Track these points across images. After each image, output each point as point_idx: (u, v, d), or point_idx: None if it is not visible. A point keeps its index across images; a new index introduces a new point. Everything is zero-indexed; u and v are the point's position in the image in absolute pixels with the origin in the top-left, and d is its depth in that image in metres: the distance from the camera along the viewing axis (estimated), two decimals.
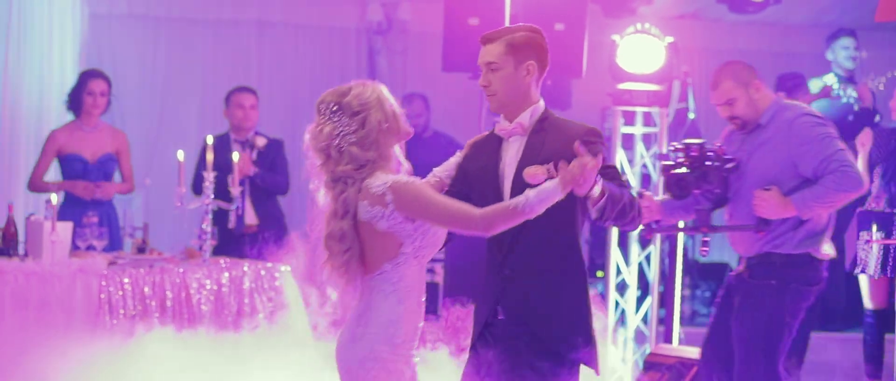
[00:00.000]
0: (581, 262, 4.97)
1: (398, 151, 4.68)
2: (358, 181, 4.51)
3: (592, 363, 4.95)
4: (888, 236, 8.40)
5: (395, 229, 4.50)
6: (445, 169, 5.14)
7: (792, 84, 9.86)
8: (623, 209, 4.78)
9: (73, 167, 8.85)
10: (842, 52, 11.00)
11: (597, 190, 4.62)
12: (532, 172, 4.79)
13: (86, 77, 8.95)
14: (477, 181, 5.01)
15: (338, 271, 4.54)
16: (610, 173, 4.90)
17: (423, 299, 4.65)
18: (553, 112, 5.07)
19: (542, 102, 5.05)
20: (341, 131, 4.53)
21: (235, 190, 8.36)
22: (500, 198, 4.88)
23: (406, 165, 4.70)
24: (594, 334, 4.98)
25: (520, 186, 4.82)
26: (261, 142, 9.44)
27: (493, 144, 5.06)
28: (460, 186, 5.07)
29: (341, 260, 4.53)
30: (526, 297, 4.90)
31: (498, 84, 4.96)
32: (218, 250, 8.86)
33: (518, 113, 4.99)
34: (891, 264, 8.39)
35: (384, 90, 4.65)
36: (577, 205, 4.86)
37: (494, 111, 5.06)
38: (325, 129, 4.55)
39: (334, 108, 4.56)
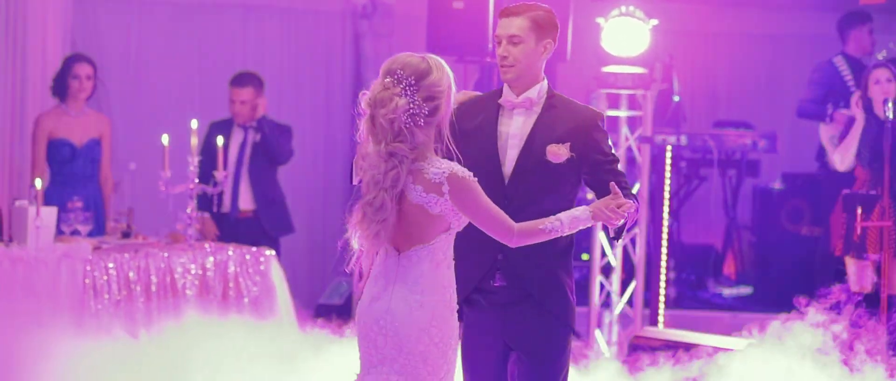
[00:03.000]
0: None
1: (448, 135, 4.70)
2: (408, 161, 4.54)
3: (576, 327, 5.23)
4: (868, 217, 8.43)
5: (445, 213, 4.57)
6: None
7: None
8: (634, 221, 5.07)
9: (61, 152, 8.83)
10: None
11: (620, 221, 4.77)
12: (554, 151, 4.99)
13: (71, 61, 8.92)
14: (471, 141, 5.06)
15: (367, 236, 4.59)
16: (615, 172, 5.10)
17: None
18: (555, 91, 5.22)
19: (546, 81, 5.22)
20: (412, 110, 4.53)
21: (220, 174, 8.34)
22: (496, 165, 5.07)
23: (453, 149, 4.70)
24: (574, 300, 5.22)
25: (528, 157, 5.03)
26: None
27: (491, 110, 5.17)
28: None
29: (374, 229, 4.57)
30: (525, 267, 5.07)
31: (519, 56, 5.10)
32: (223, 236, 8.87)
33: (526, 88, 5.14)
34: (889, 245, 8.43)
35: (452, 76, 4.68)
36: (577, 177, 5.10)
37: (508, 82, 5.15)
38: (399, 102, 4.53)
39: (412, 81, 4.55)
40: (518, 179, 5.04)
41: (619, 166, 5.13)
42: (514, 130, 5.10)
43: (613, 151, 5.16)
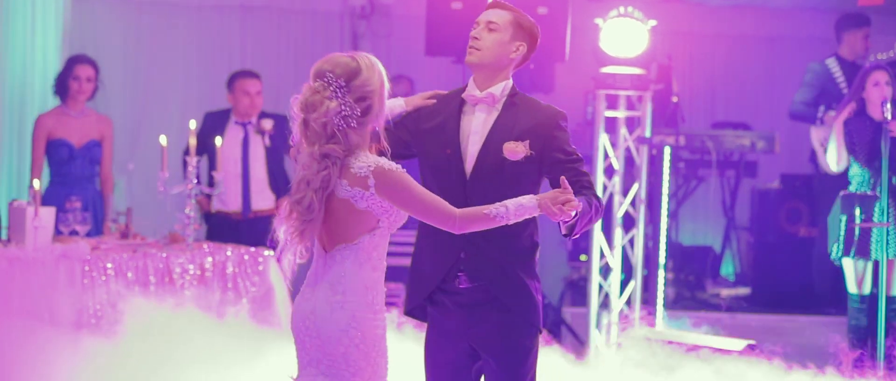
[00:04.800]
0: (535, 226, 5.12)
1: (383, 130, 4.71)
2: (341, 161, 4.54)
3: (541, 323, 5.17)
4: (869, 218, 8.45)
5: (373, 208, 4.56)
6: (389, 110, 5.20)
7: None
8: (589, 220, 4.93)
9: (59, 152, 8.84)
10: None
11: (569, 215, 4.71)
12: (512, 149, 4.95)
13: (73, 62, 8.93)
14: (432, 140, 5.11)
15: (293, 233, 4.59)
16: (578, 171, 5.03)
17: (385, 264, 4.72)
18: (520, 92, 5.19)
19: (512, 81, 5.17)
20: (344, 112, 4.54)
21: (219, 175, 8.34)
22: (458, 161, 5.05)
23: (386, 145, 4.70)
24: (540, 298, 5.18)
25: (487, 155, 5.01)
26: (268, 125, 9.35)
27: (453, 106, 5.15)
28: (403, 135, 5.17)
29: (300, 227, 4.57)
30: (488, 266, 5.05)
31: (489, 42, 5.08)
32: (224, 236, 8.83)
33: (490, 83, 5.11)
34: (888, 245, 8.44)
35: (385, 73, 4.68)
36: (538, 175, 5.06)
37: (469, 64, 5.14)
38: (329, 105, 4.54)
39: (342, 83, 4.56)
40: (478, 176, 5.02)
41: (583, 167, 5.08)
42: (475, 127, 5.09)
43: (576, 151, 5.10)
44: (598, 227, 9.46)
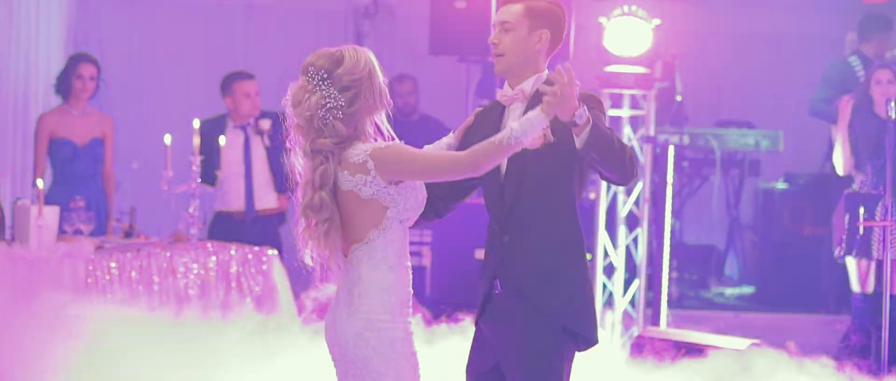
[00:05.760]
0: (578, 230, 4.88)
1: (385, 121, 4.58)
2: (337, 154, 4.46)
3: (590, 333, 4.87)
4: (872, 217, 8.44)
5: (379, 194, 4.44)
6: (437, 148, 5.11)
7: None
8: (610, 145, 4.60)
9: (62, 151, 8.83)
10: None
11: (582, 116, 4.51)
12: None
13: (75, 61, 8.92)
14: None
15: (317, 241, 4.47)
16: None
17: (409, 264, 4.59)
18: None
19: (546, 73, 4.94)
20: (328, 104, 4.45)
21: (222, 173, 8.34)
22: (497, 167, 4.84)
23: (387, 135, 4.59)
24: (593, 304, 4.93)
25: (520, 152, 4.67)
26: (267, 124, 9.33)
27: (495, 114, 4.99)
28: None
29: (321, 230, 4.46)
30: (523, 267, 4.83)
31: (508, 44, 4.87)
32: (227, 236, 8.83)
33: (522, 79, 4.90)
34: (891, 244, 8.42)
35: (375, 62, 4.57)
36: (573, 171, 4.81)
37: (498, 72, 4.99)
38: (312, 98, 4.46)
39: (324, 75, 4.48)
40: (511, 174, 4.79)
41: (606, 125, 4.73)
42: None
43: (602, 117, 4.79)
44: (601, 226, 9.46)
